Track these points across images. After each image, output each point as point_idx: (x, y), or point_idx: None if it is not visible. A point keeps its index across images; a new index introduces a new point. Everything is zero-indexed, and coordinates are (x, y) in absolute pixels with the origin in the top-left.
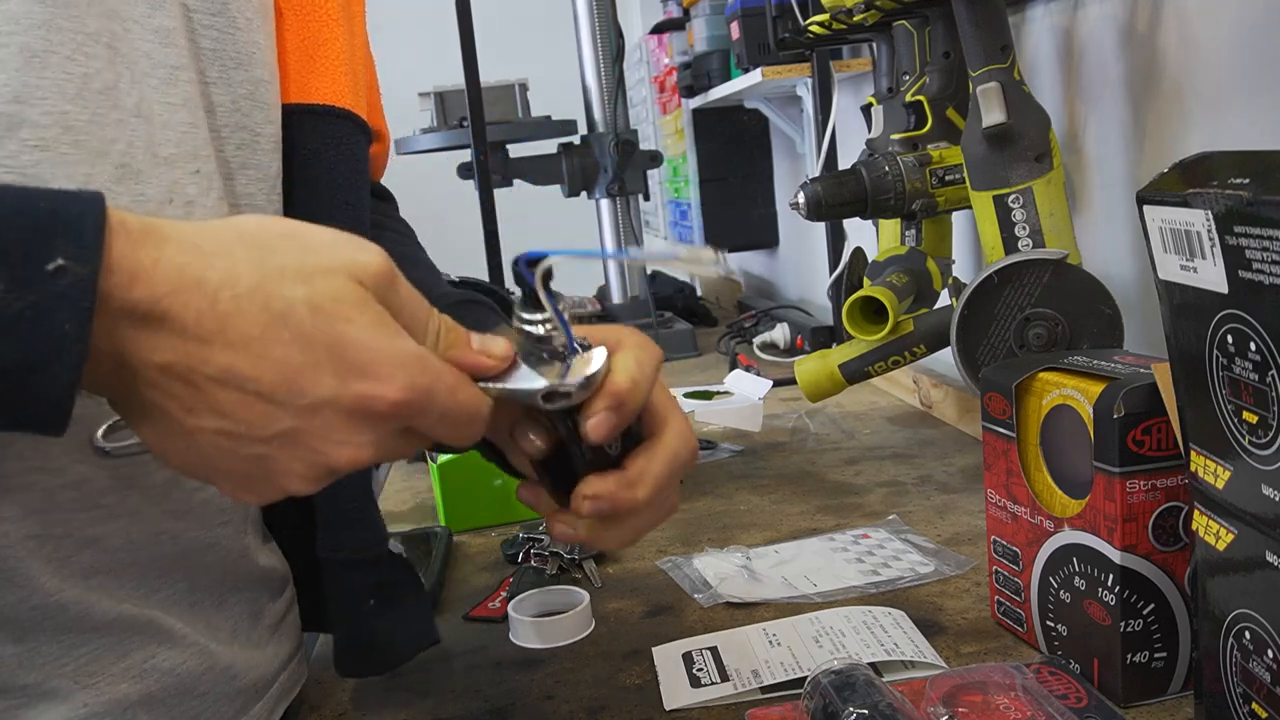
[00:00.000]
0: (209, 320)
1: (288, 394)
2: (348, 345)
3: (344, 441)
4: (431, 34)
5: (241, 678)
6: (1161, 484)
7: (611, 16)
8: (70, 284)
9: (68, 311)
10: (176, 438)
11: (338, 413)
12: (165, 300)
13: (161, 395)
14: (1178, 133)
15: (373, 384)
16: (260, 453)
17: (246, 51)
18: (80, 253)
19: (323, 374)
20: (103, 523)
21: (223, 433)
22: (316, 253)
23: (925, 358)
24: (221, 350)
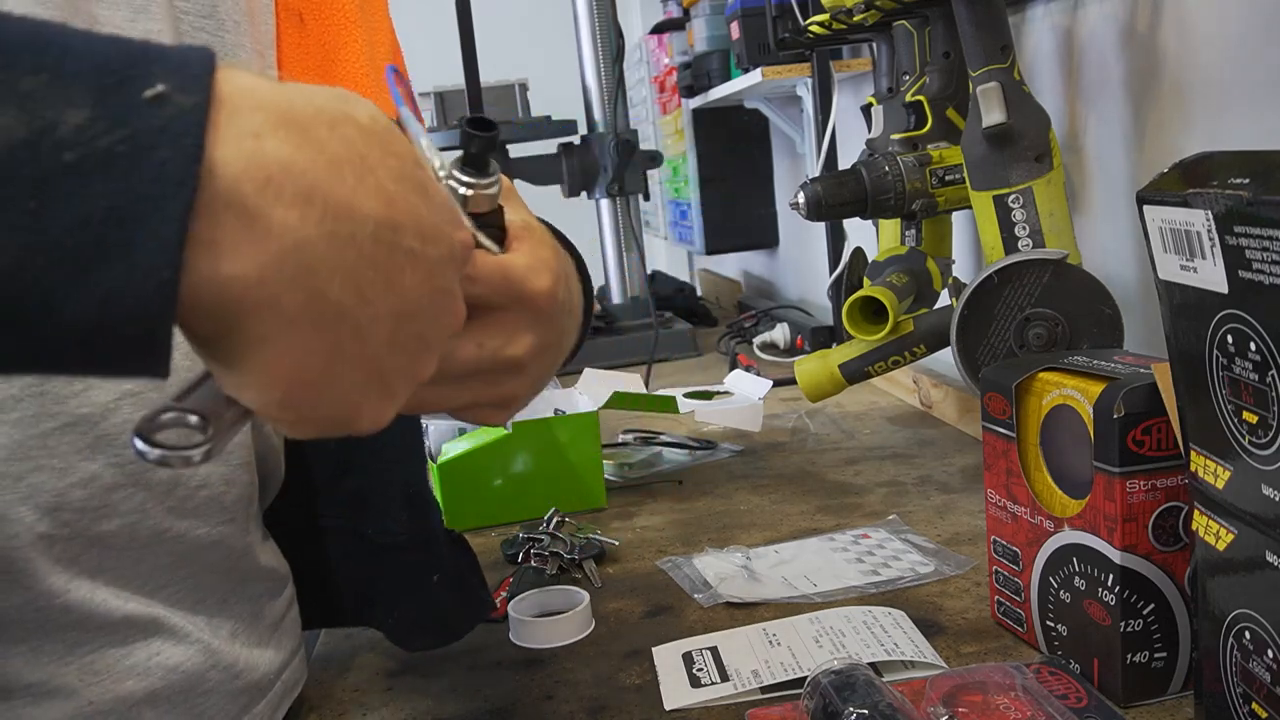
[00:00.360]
0: (367, 176)
1: (434, 246)
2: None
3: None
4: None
5: (244, 676)
6: (1161, 484)
7: (611, 16)
8: (174, 115)
9: (170, 148)
10: (348, 348)
11: (454, 263)
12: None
13: (345, 288)
14: (1178, 133)
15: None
16: (418, 329)
17: (233, 54)
18: (185, 82)
19: (443, 224)
20: (109, 520)
21: (395, 314)
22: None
23: (925, 358)
24: (388, 207)
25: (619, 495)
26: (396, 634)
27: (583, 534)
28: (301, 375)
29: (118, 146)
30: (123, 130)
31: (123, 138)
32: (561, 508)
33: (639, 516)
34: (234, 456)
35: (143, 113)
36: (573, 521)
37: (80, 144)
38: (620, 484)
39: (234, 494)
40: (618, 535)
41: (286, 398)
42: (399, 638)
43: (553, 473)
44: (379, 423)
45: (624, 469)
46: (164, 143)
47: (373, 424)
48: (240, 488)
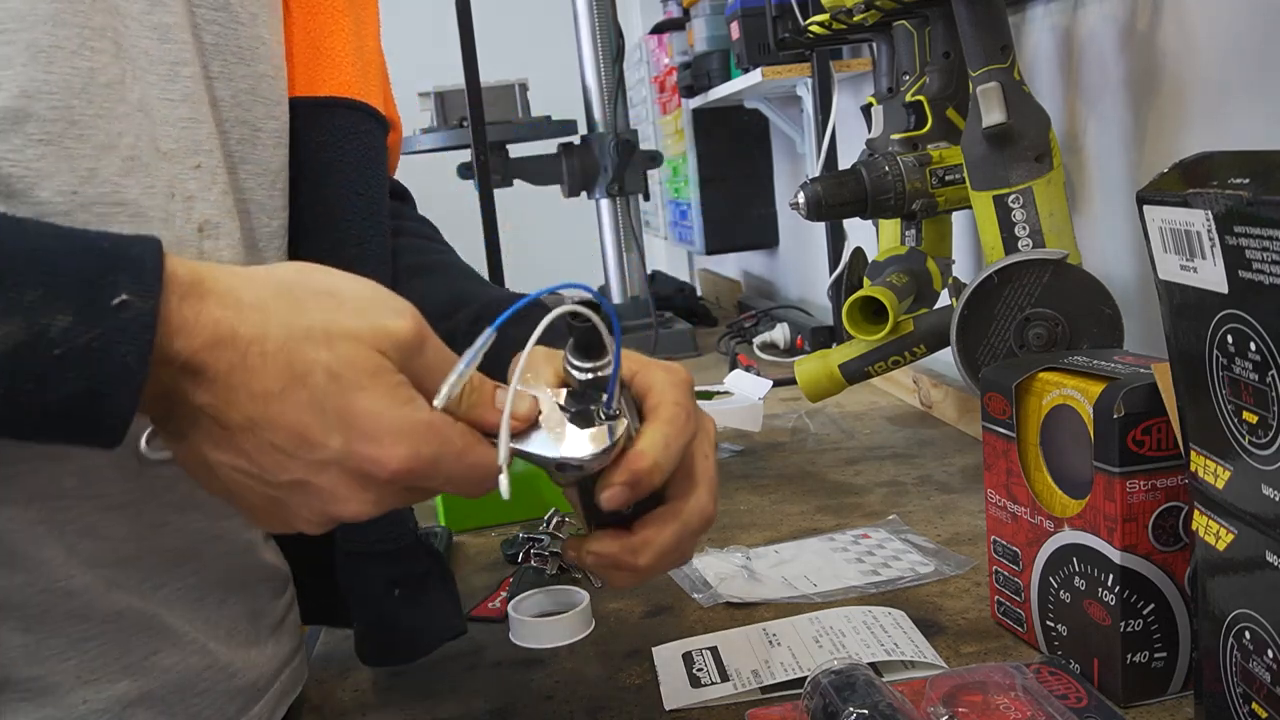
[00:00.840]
0: (238, 373)
1: (298, 448)
2: (358, 413)
3: (347, 498)
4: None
5: (241, 677)
6: (1161, 484)
7: (611, 16)
8: (133, 318)
9: (130, 345)
10: (204, 465)
11: (343, 473)
12: (202, 353)
13: (194, 429)
14: (1178, 133)
15: (375, 450)
16: (273, 495)
17: (250, 46)
18: (142, 290)
19: (331, 435)
20: (106, 511)
21: (241, 471)
22: (347, 315)
23: (925, 358)
24: (246, 401)
25: None
26: (358, 646)
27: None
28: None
29: (93, 343)
30: (96, 330)
31: (96, 336)
32: (561, 508)
33: None
34: None
35: (111, 316)
36: (573, 522)
37: (66, 342)
38: None
39: None
40: None
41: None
42: (359, 650)
43: None
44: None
45: None
46: (125, 340)
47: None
48: None
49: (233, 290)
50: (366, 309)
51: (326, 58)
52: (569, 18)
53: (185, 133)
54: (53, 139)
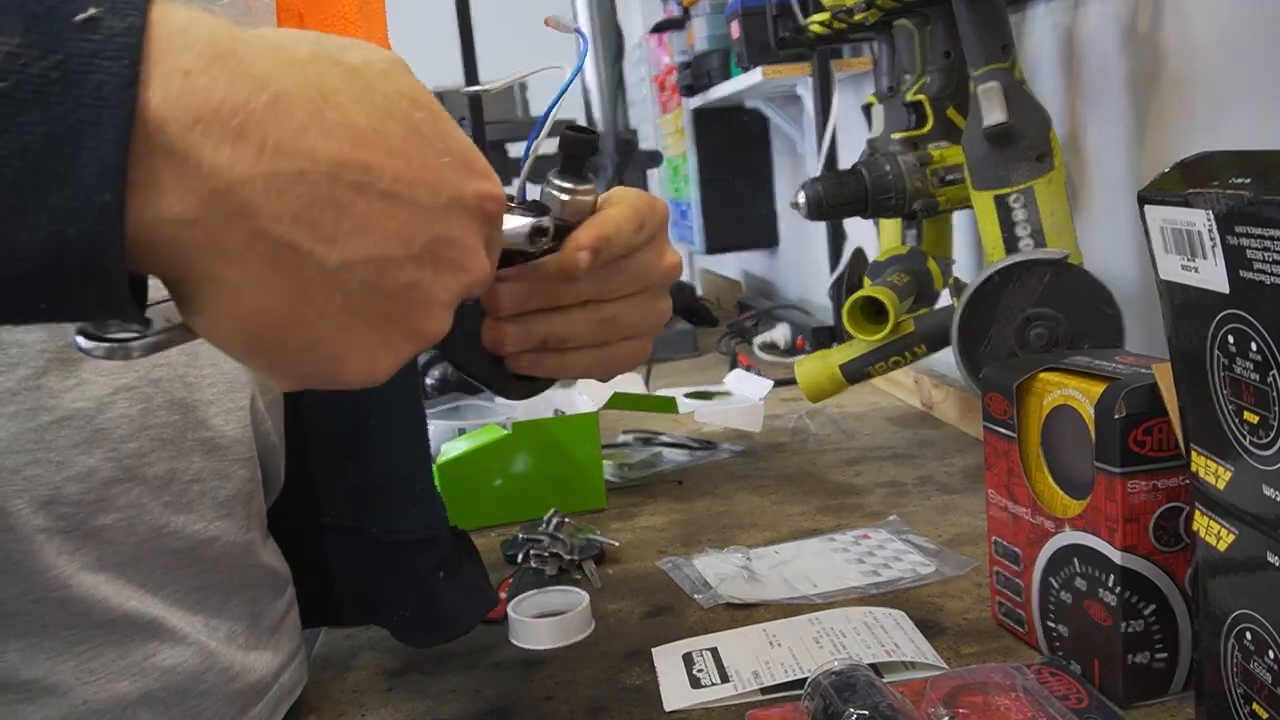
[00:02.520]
0: (329, 114)
1: (427, 192)
2: (453, 143)
3: (476, 247)
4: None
5: (241, 679)
6: (1162, 484)
7: (611, 16)
8: (106, 39)
9: (104, 73)
10: (313, 290)
11: (465, 213)
12: (273, 86)
13: (298, 228)
14: (1179, 132)
15: (487, 182)
16: (408, 279)
17: None
18: (116, 6)
19: (448, 170)
20: (107, 515)
21: (372, 260)
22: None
23: (926, 358)
24: (354, 147)
25: (619, 495)
26: (402, 632)
27: (583, 534)
28: (262, 316)
29: (51, 73)
30: (55, 56)
31: (55, 64)
32: (561, 508)
33: (639, 517)
34: (230, 451)
35: (74, 37)
36: (573, 522)
37: (12, 72)
38: (620, 484)
39: (230, 489)
40: (618, 535)
41: (251, 340)
42: (404, 635)
43: (552, 473)
44: (372, 377)
45: (624, 469)
46: (97, 67)
47: (364, 378)
48: (237, 483)
49: (258, 36)
50: (371, 48)
51: None
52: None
53: None
54: None
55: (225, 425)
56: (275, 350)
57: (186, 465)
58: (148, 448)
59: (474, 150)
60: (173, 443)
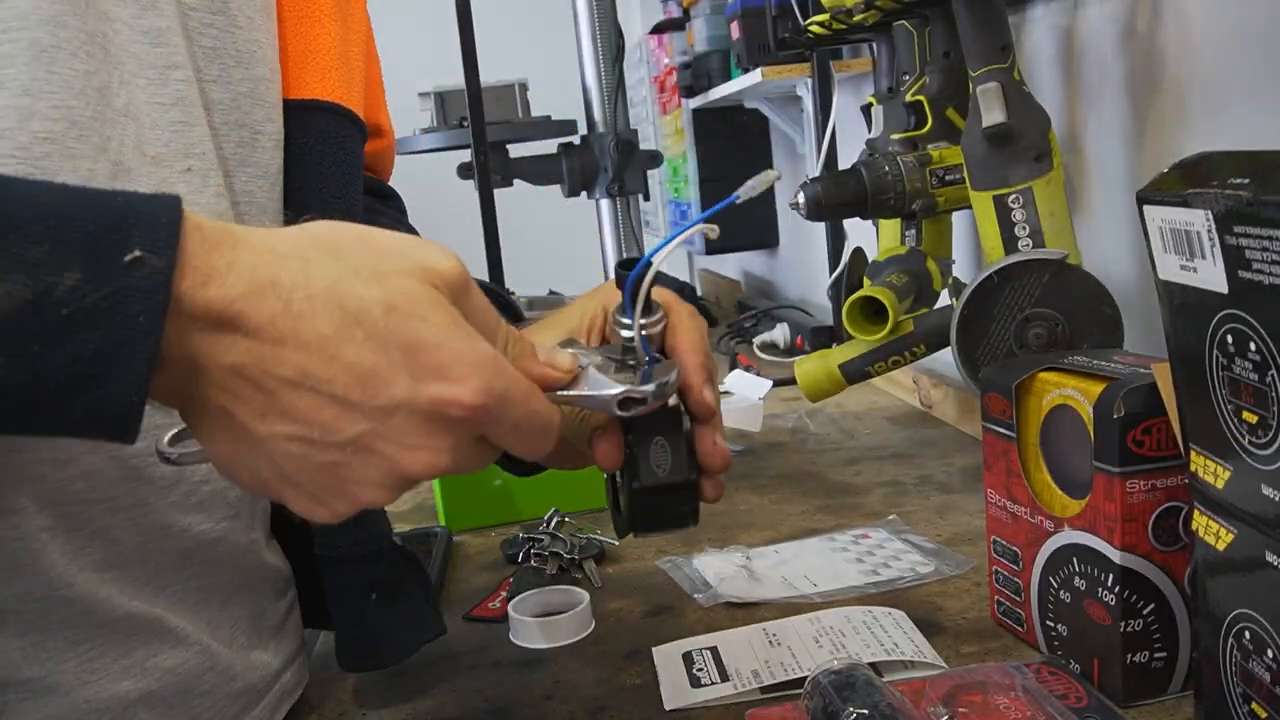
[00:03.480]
0: (282, 321)
1: (361, 395)
2: (423, 345)
3: (419, 446)
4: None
5: (241, 679)
6: (1161, 484)
7: (611, 16)
8: (145, 275)
9: (143, 304)
10: (247, 446)
11: (413, 416)
12: (239, 302)
13: (233, 400)
14: (1178, 133)
15: (448, 386)
16: (333, 459)
17: (247, 50)
18: (156, 245)
19: (397, 374)
20: (113, 515)
21: (295, 438)
22: (390, 256)
23: (925, 358)
24: (295, 351)
25: None
26: (337, 651)
27: (583, 534)
28: (216, 453)
29: (102, 302)
30: (107, 288)
31: (105, 295)
32: (561, 508)
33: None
34: None
35: (122, 274)
36: (573, 521)
37: (74, 301)
38: None
39: (236, 489)
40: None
41: (221, 467)
42: (338, 655)
43: (553, 473)
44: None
45: None
46: (138, 299)
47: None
48: None
49: (265, 241)
50: (409, 251)
51: (311, 61)
52: (569, 18)
53: (176, 136)
54: (55, 138)
55: None
56: (239, 479)
57: (195, 466)
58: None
59: (453, 356)
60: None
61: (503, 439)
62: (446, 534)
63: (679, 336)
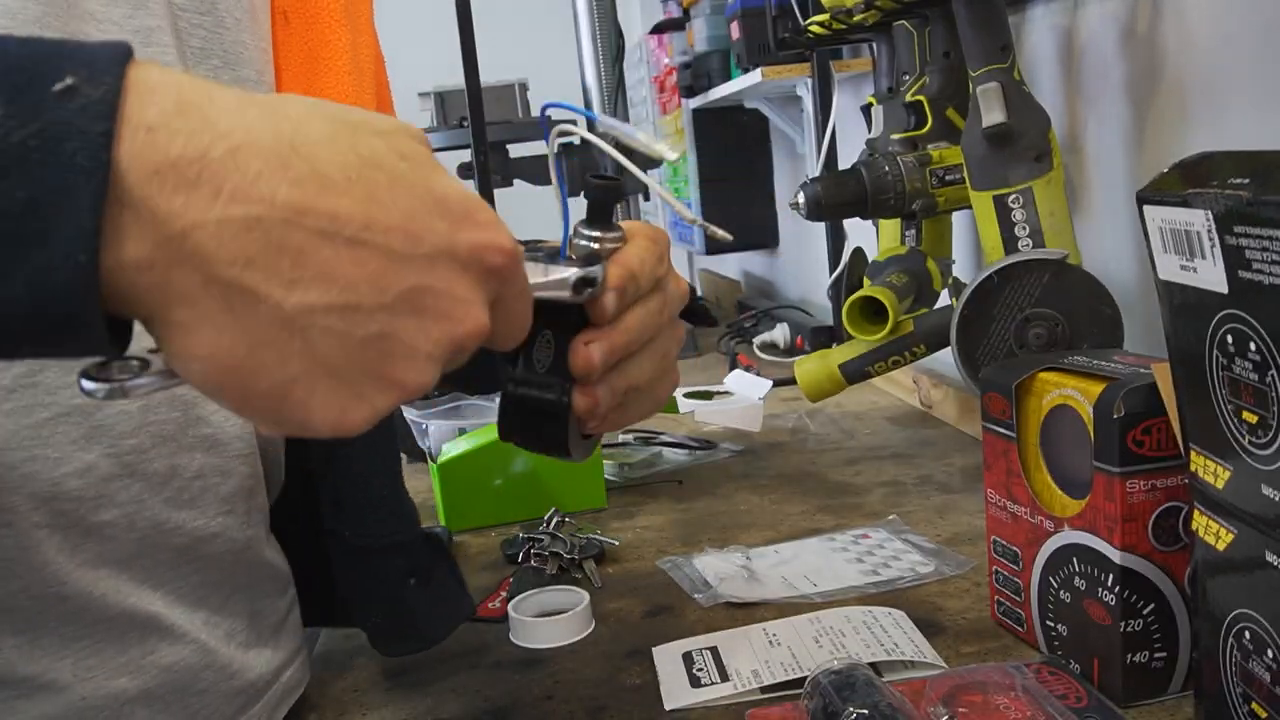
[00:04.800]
0: (295, 163)
1: (404, 240)
2: (447, 193)
3: (468, 300)
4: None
5: (240, 677)
6: (1161, 484)
7: (611, 16)
8: (82, 106)
9: (78, 140)
10: (270, 334)
11: (454, 264)
12: (232, 138)
13: (250, 270)
14: (1178, 133)
15: (485, 232)
16: (380, 329)
17: (234, 51)
18: (93, 75)
19: (434, 219)
20: (107, 511)
21: (335, 307)
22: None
23: (925, 358)
24: (320, 194)
25: (619, 495)
26: (375, 639)
27: (583, 534)
28: (220, 359)
29: (30, 140)
30: (34, 124)
31: (34, 132)
32: (561, 508)
33: (639, 516)
34: (230, 448)
35: (52, 106)
36: (573, 521)
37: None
38: (620, 484)
39: (231, 485)
40: (618, 535)
41: (212, 382)
42: (378, 642)
43: (553, 473)
44: (341, 427)
45: (624, 469)
46: (72, 134)
47: (332, 427)
48: (238, 479)
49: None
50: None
51: (324, 66)
52: (569, 18)
53: None
54: None
55: (225, 422)
56: (238, 393)
57: (188, 462)
58: (148, 444)
59: (475, 203)
60: (173, 439)
61: (510, 304)
62: (447, 534)
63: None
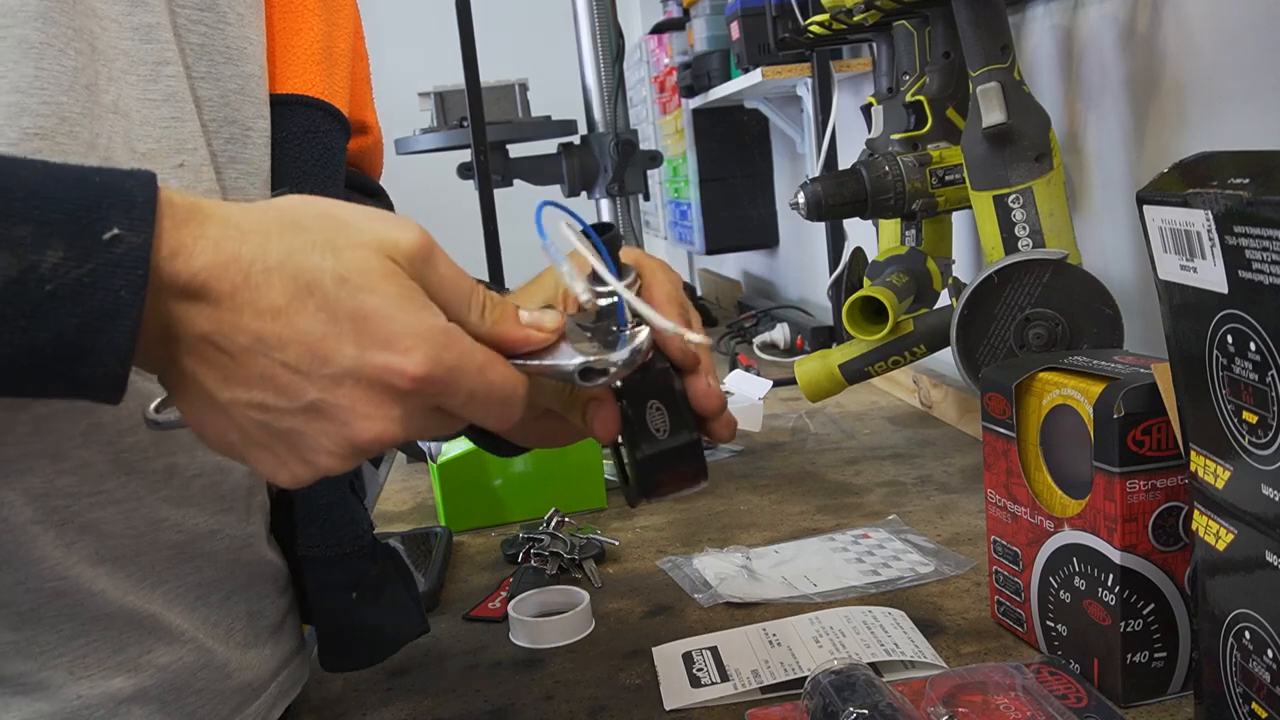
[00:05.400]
0: (243, 291)
1: (311, 363)
2: (370, 316)
3: (368, 415)
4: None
5: (237, 677)
6: (1161, 484)
7: (611, 16)
8: (125, 252)
9: (123, 279)
10: (213, 410)
11: (359, 384)
12: (204, 273)
13: (201, 365)
14: (1178, 133)
15: (394, 356)
16: (290, 426)
17: (237, 46)
18: (134, 223)
19: (345, 344)
20: (103, 508)
21: (254, 404)
22: (349, 229)
23: (925, 358)
24: (252, 319)
25: (619, 495)
26: (320, 652)
27: (583, 534)
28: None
29: (84, 278)
30: (88, 265)
31: (88, 271)
32: (561, 508)
33: (639, 516)
34: None
35: (102, 251)
36: (573, 521)
37: (57, 278)
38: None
39: (230, 482)
40: (618, 535)
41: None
42: (320, 656)
43: (553, 473)
44: (277, 481)
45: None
46: (119, 274)
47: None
48: (237, 476)
49: (232, 217)
50: (370, 225)
51: (293, 55)
52: (569, 18)
53: (167, 132)
54: (45, 134)
55: None
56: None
57: (188, 461)
58: (147, 442)
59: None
60: (172, 437)
61: (461, 410)
62: (447, 534)
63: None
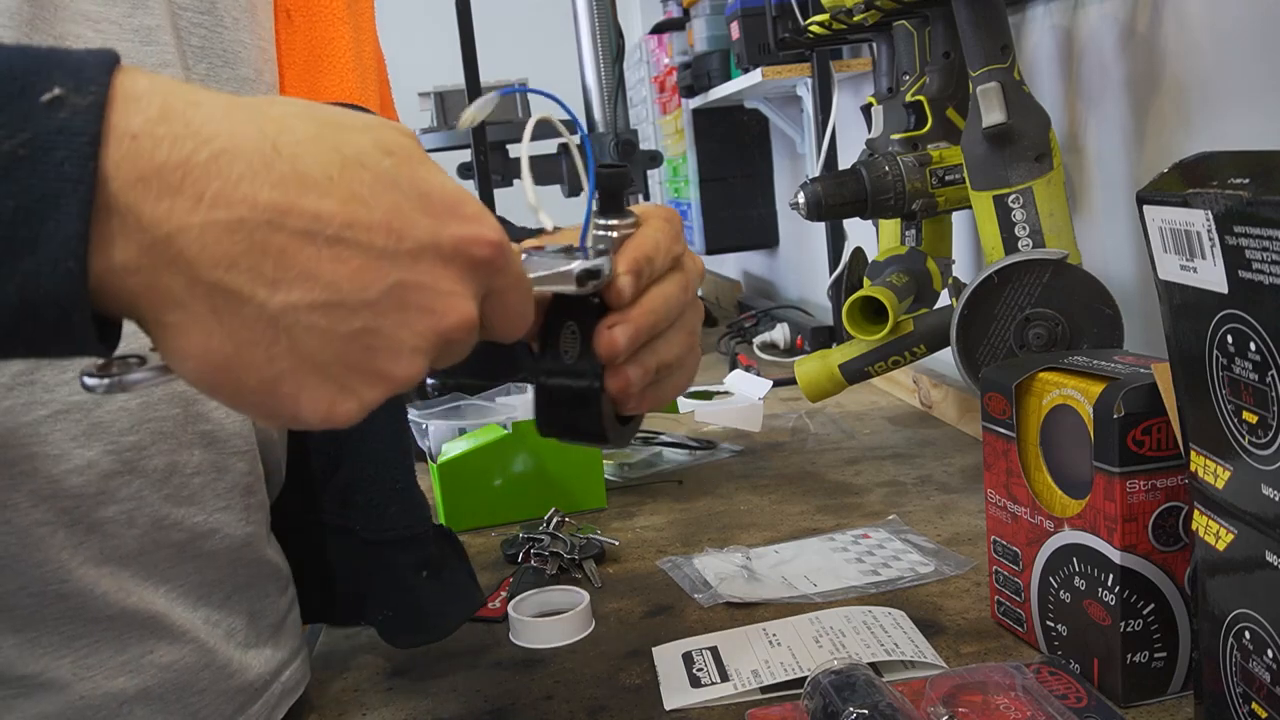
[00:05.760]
0: (279, 164)
1: (386, 238)
2: (431, 188)
3: (454, 292)
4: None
5: (239, 677)
6: (1161, 484)
7: (611, 16)
8: (69, 117)
9: (66, 149)
10: (256, 332)
11: (438, 258)
12: (217, 142)
13: (233, 271)
14: (1178, 133)
15: (469, 226)
16: (363, 325)
17: (233, 50)
18: (81, 84)
19: (418, 214)
20: (107, 508)
21: (318, 305)
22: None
23: (925, 358)
24: (302, 194)
25: (619, 495)
26: (387, 632)
27: (583, 534)
28: (210, 357)
29: (19, 150)
30: (23, 134)
31: (23, 141)
32: (561, 508)
33: (639, 516)
34: (229, 444)
35: (40, 116)
36: (573, 521)
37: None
38: (620, 484)
39: (229, 481)
40: (618, 535)
41: (204, 379)
42: (389, 635)
43: (553, 473)
44: (332, 419)
45: (624, 469)
46: (60, 143)
47: (322, 420)
48: (235, 475)
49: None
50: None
51: (328, 64)
52: (569, 18)
53: None
54: None
55: (225, 418)
56: (229, 389)
57: (187, 458)
58: (147, 440)
59: (461, 196)
60: (173, 435)
61: (503, 296)
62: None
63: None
